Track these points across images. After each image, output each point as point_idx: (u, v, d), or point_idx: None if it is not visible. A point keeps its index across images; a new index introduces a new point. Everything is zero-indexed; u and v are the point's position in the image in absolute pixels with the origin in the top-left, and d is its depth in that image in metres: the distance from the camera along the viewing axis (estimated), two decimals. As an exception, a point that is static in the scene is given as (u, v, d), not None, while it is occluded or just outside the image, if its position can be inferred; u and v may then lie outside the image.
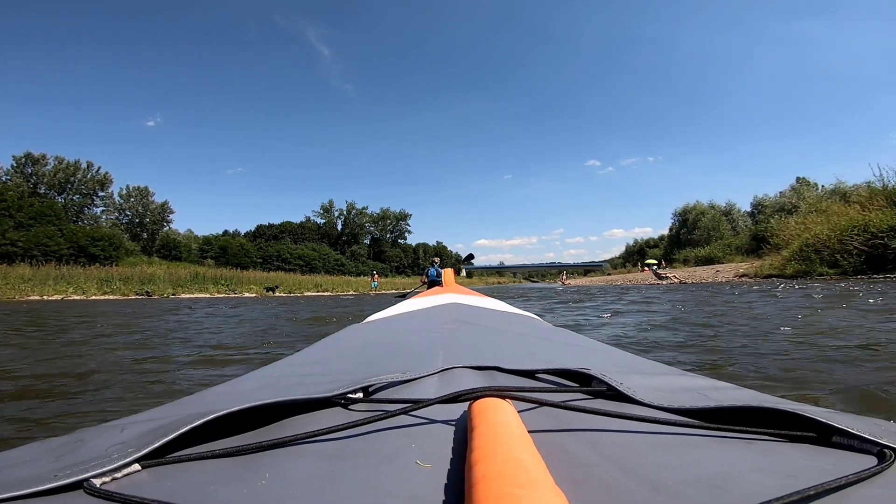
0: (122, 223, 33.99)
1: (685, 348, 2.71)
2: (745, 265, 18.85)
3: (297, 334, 4.36)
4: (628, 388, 0.44)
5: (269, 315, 7.02)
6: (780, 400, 0.43)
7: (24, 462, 0.33)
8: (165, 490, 0.28)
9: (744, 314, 4.53)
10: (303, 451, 0.33)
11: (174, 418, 0.36)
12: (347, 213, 48.44)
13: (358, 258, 46.71)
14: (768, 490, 0.26)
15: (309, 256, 42.34)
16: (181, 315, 7.06)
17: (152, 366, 2.61)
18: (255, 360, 2.74)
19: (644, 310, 5.69)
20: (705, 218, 37.06)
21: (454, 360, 0.59)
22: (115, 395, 1.91)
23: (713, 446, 0.34)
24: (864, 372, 1.87)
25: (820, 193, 26.70)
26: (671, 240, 42.73)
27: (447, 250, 55.94)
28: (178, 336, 4.14)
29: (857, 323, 3.35)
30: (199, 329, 4.79)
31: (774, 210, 29.51)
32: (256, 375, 0.64)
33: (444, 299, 1.86)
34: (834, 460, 0.32)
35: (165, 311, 8.31)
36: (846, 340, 2.62)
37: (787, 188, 30.64)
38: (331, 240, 47.14)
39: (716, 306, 5.63)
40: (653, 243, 48.34)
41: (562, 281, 37.38)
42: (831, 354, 2.22)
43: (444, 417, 0.38)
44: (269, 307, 9.44)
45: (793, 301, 5.75)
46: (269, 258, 39.31)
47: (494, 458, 0.25)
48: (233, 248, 36.93)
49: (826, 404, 1.48)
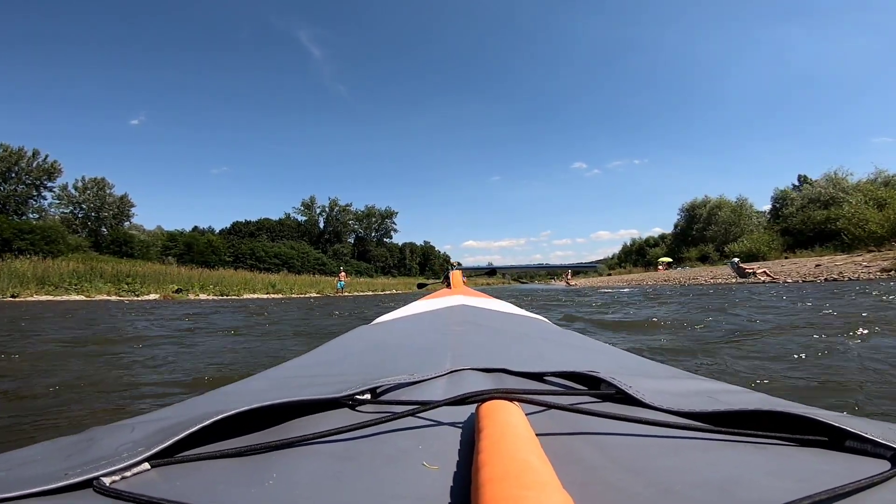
0: (79, 217, 31.53)
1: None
2: (870, 258, 13.75)
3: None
4: (637, 390, 0.44)
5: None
6: (791, 403, 0.41)
7: (34, 461, 0.33)
8: (174, 489, 0.28)
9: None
10: (310, 452, 0.33)
11: (183, 418, 0.36)
12: (330, 209, 45.63)
13: (341, 257, 43.92)
14: (779, 494, 0.25)
15: (287, 255, 39.62)
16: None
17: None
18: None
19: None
20: (723, 212, 33.57)
21: (462, 362, 0.59)
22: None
23: (723, 450, 0.33)
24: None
25: (864, 183, 23.53)
26: (676, 237, 39.40)
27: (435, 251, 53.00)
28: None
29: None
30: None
31: (804, 203, 26.38)
32: (265, 376, 0.64)
33: (453, 301, 1.86)
34: (846, 464, 0.31)
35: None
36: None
37: (820, 178, 27.04)
38: (312, 238, 44.40)
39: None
40: (653, 242, 45.32)
41: (566, 281, 34.10)
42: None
43: (452, 419, 0.38)
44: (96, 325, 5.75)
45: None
46: (242, 256, 36.63)
47: (502, 461, 0.25)
48: (199, 245, 34.31)
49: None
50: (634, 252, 47.11)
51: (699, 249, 33.34)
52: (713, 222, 33.92)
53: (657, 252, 40.77)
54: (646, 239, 47.13)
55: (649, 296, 9.56)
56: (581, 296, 11.63)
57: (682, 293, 8.40)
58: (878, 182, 22.59)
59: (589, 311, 5.84)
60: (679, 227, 39.43)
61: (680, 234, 38.85)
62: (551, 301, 8.95)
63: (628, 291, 12.75)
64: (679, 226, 39.46)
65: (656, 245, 43.55)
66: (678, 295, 7.90)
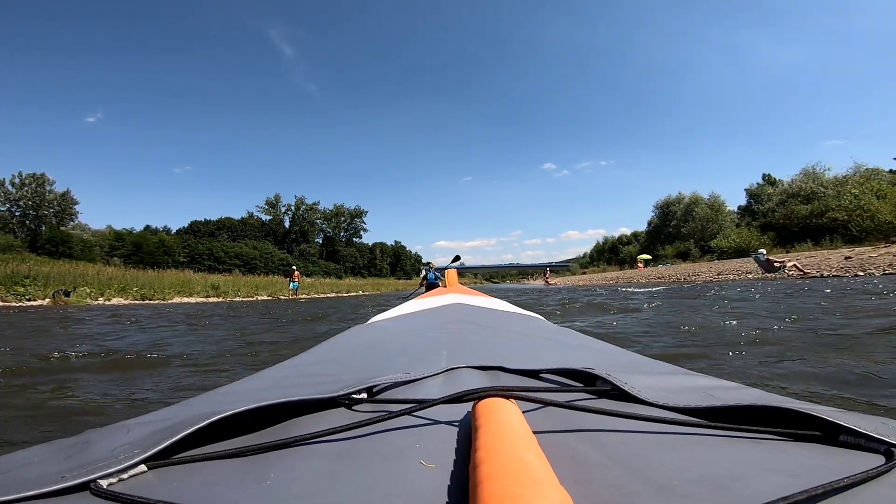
0: (15, 215, 29.24)
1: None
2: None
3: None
4: (633, 387, 0.44)
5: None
6: (786, 399, 0.42)
7: (31, 463, 0.33)
8: (171, 491, 0.28)
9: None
10: (307, 452, 0.33)
11: (180, 419, 0.36)
12: (296, 208, 43.93)
13: (308, 258, 42.21)
14: (775, 489, 0.25)
15: (248, 255, 37.75)
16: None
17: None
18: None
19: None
20: (699, 208, 32.93)
21: (458, 361, 0.60)
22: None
23: (719, 446, 0.33)
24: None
25: (844, 177, 23.41)
26: (650, 235, 38.80)
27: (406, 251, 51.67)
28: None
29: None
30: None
31: (783, 198, 25.84)
32: (262, 376, 0.64)
33: (448, 299, 1.86)
34: (841, 459, 0.31)
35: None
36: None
37: (797, 173, 26.52)
38: (277, 238, 42.59)
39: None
40: (626, 240, 44.77)
41: (545, 280, 32.90)
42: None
43: (449, 417, 0.38)
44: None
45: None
46: (199, 257, 34.70)
47: (499, 458, 0.25)
48: (149, 244, 32.27)
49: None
50: (607, 250, 46.66)
51: (675, 247, 32.81)
52: (690, 219, 33.36)
53: (630, 250, 40.19)
54: (618, 237, 46.70)
55: (609, 296, 8.00)
56: (549, 298, 9.27)
57: (722, 296, 6.22)
58: (856, 176, 22.42)
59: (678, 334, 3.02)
60: (653, 224, 38.87)
61: (654, 231, 38.28)
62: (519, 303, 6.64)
63: (613, 293, 10.02)
64: (653, 223, 38.89)
65: (629, 243, 42.98)
66: (720, 299, 5.90)
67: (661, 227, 36.78)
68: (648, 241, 38.51)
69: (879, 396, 1.41)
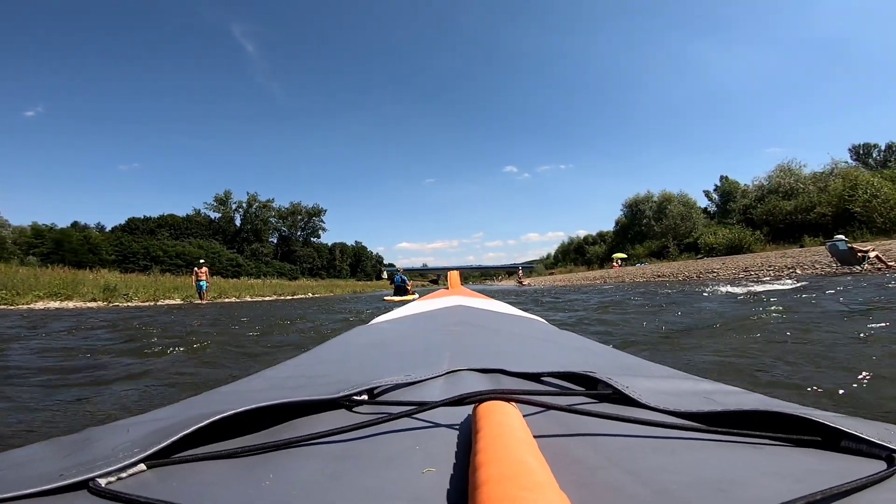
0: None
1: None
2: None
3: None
4: (634, 391, 0.44)
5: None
6: (787, 404, 0.41)
7: (30, 461, 0.33)
8: (170, 490, 0.28)
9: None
10: (307, 453, 0.33)
11: (180, 418, 0.36)
12: (248, 205, 41.39)
13: (260, 258, 39.70)
14: (775, 495, 0.25)
15: (192, 255, 35.00)
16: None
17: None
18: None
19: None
20: (673, 206, 31.46)
21: (459, 363, 0.60)
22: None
23: (719, 450, 0.33)
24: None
25: (823, 173, 22.72)
26: (618, 234, 37.05)
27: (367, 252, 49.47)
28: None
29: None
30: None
31: (762, 195, 24.84)
32: (262, 376, 0.64)
33: (450, 301, 1.87)
34: (842, 465, 0.31)
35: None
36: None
37: (772, 171, 25.35)
38: (227, 237, 40.00)
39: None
40: (591, 240, 43.15)
41: (518, 281, 30.62)
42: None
43: (449, 420, 0.38)
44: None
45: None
46: (133, 256, 32.07)
47: (499, 462, 0.25)
48: (72, 242, 29.59)
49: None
50: (573, 251, 45.13)
51: (646, 246, 31.29)
52: (663, 216, 31.79)
53: (596, 250, 38.63)
54: (584, 237, 45.24)
55: (617, 302, 5.64)
56: (534, 302, 6.89)
57: (843, 301, 3.87)
58: (834, 172, 21.90)
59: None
60: (620, 223, 37.17)
61: (622, 230, 36.58)
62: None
63: (618, 297, 6.87)
64: (621, 222, 37.21)
65: (595, 243, 41.45)
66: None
67: (630, 227, 35.12)
68: (616, 240, 36.92)
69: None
